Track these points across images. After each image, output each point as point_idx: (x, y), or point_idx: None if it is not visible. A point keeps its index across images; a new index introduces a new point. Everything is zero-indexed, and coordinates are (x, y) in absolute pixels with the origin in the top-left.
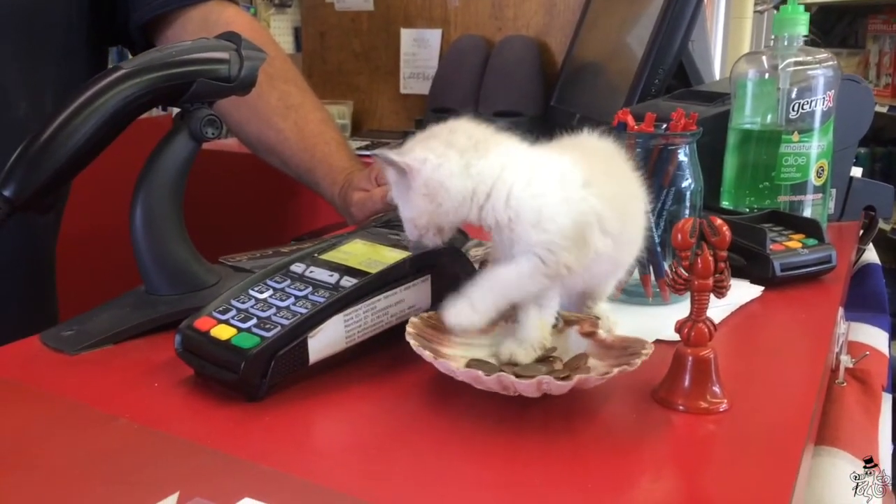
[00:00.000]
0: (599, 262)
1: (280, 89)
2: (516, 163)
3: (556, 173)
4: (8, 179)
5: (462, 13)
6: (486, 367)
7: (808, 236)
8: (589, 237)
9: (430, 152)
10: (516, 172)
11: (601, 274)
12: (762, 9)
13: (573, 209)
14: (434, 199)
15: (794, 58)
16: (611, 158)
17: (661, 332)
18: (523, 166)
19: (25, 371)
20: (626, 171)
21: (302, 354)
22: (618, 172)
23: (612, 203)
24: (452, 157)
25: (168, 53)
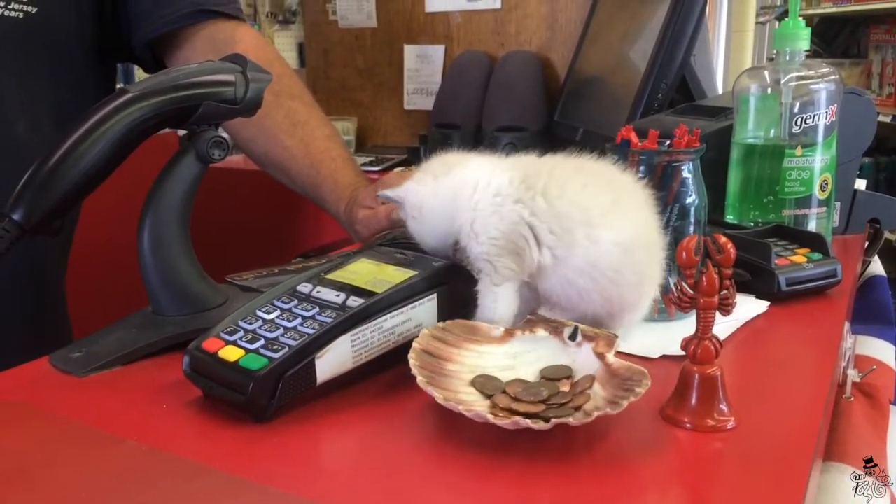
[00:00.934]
0: (568, 278)
1: (286, 106)
2: (466, 180)
3: (493, 189)
4: (17, 203)
5: (465, 29)
6: (489, 385)
7: (814, 250)
8: (521, 246)
9: (413, 181)
10: (465, 189)
11: (590, 292)
12: (764, 20)
13: (504, 220)
14: (422, 221)
15: (797, 72)
16: (602, 183)
17: (667, 348)
18: (470, 183)
19: (34, 393)
20: (617, 197)
21: (309, 375)
22: (596, 195)
23: (556, 219)
24: (428, 181)
25: (175, 76)
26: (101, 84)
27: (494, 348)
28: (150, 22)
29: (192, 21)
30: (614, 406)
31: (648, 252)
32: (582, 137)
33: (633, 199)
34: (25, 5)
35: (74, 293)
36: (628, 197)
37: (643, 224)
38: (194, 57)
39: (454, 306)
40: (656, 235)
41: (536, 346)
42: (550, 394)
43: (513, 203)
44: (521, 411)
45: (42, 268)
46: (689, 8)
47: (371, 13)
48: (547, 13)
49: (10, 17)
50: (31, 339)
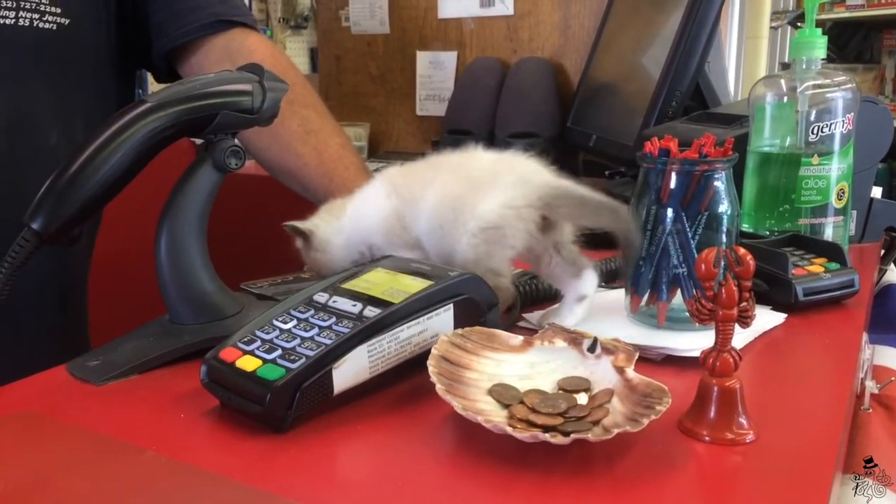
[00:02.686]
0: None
1: (300, 115)
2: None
3: (374, 190)
4: (36, 212)
5: (477, 36)
6: (507, 394)
7: (830, 260)
8: (393, 227)
9: (319, 220)
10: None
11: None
12: (776, 24)
13: (381, 210)
14: (325, 253)
15: (813, 81)
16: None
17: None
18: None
19: (52, 402)
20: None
21: (326, 385)
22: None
23: (411, 205)
24: (332, 221)
25: (192, 86)
26: (123, 91)
27: (512, 357)
28: (168, 32)
29: (208, 31)
30: (634, 424)
31: (455, 210)
32: (595, 144)
33: (451, 176)
34: (59, 17)
35: (94, 299)
36: (449, 176)
37: (451, 191)
38: (208, 66)
39: (470, 316)
40: (466, 198)
41: (554, 356)
42: (568, 406)
43: (385, 198)
44: (539, 423)
45: (66, 274)
46: (704, 15)
47: (384, 19)
48: (560, 20)
49: (45, 28)
50: (52, 346)
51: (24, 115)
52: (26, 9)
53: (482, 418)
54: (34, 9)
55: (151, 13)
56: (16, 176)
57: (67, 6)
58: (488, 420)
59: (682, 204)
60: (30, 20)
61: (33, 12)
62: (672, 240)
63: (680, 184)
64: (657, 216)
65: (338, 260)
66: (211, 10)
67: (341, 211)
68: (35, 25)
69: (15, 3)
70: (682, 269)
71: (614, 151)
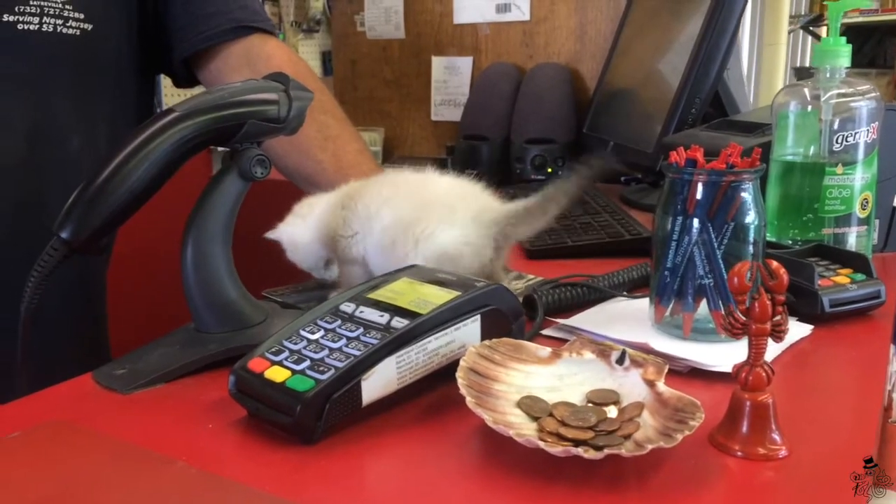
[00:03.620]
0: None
1: (319, 121)
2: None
3: (329, 199)
4: (65, 222)
5: (493, 41)
6: (536, 407)
7: (856, 271)
8: (336, 231)
9: (286, 224)
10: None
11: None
12: (790, 28)
13: (330, 217)
14: (297, 253)
15: (837, 89)
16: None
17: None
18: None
19: (79, 411)
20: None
21: (355, 397)
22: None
23: (354, 214)
24: (298, 223)
25: (219, 96)
26: (144, 96)
27: (540, 369)
28: (188, 38)
29: (228, 37)
30: (668, 440)
31: (407, 232)
32: (613, 150)
33: (407, 199)
34: (82, 22)
35: (113, 304)
36: (405, 199)
37: (406, 211)
38: (227, 71)
39: (496, 327)
40: (421, 222)
41: (582, 368)
42: (598, 419)
43: (338, 209)
44: (570, 437)
45: (88, 279)
46: (725, 22)
47: (399, 24)
48: (576, 25)
49: (68, 34)
50: (75, 351)
51: (46, 121)
52: (50, 14)
53: (513, 432)
54: (58, 14)
55: (172, 19)
56: (38, 182)
57: (90, 12)
58: (520, 434)
59: (708, 214)
60: (53, 26)
61: (57, 18)
62: (698, 250)
63: (706, 194)
64: (683, 226)
65: (304, 259)
66: (231, 15)
67: (309, 210)
68: (58, 31)
69: (39, 9)
70: (708, 280)
71: (633, 158)
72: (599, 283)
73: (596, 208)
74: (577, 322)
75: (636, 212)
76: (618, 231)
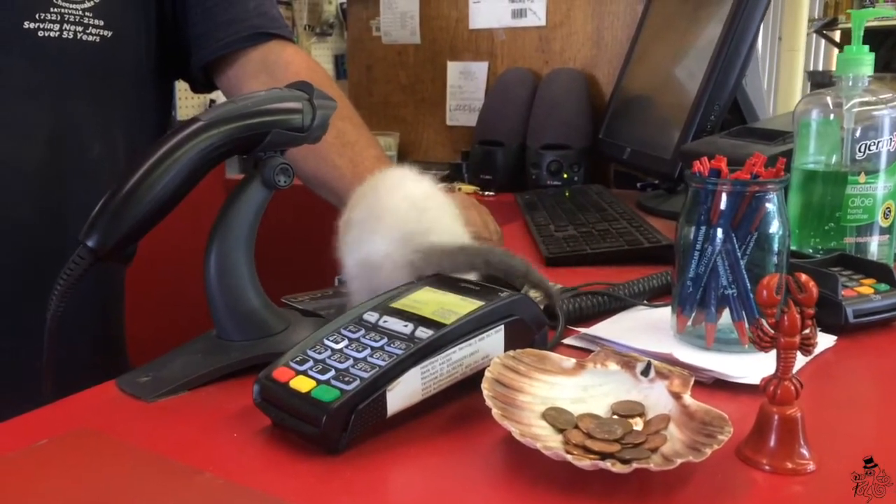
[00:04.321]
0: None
1: (337, 127)
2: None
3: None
4: (91, 230)
5: (509, 46)
6: (561, 418)
7: (879, 281)
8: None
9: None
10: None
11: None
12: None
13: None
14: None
15: (859, 98)
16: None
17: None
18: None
19: (105, 419)
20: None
21: (380, 407)
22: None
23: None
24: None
25: (244, 105)
26: (162, 102)
27: (565, 380)
28: (208, 44)
29: (247, 44)
30: (697, 454)
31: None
32: (630, 157)
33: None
34: (102, 29)
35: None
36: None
37: (358, 215)
38: (245, 78)
39: (520, 337)
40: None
41: (607, 379)
42: (624, 432)
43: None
44: (596, 449)
45: (107, 285)
46: (745, 28)
47: (415, 29)
48: (593, 31)
49: (88, 41)
50: (95, 356)
51: (67, 128)
52: (70, 21)
53: (540, 444)
54: (78, 21)
55: (191, 25)
56: (59, 187)
57: (110, 19)
58: (547, 447)
59: (732, 224)
60: (73, 33)
61: (77, 25)
62: (721, 260)
63: (730, 204)
64: (706, 236)
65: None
66: (249, 22)
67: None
68: (79, 38)
69: (59, 16)
70: (732, 291)
71: (650, 165)
72: (619, 292)
73: (613, 215)
74: (599, 331)
75: (653, 218)
76: (636, 239)
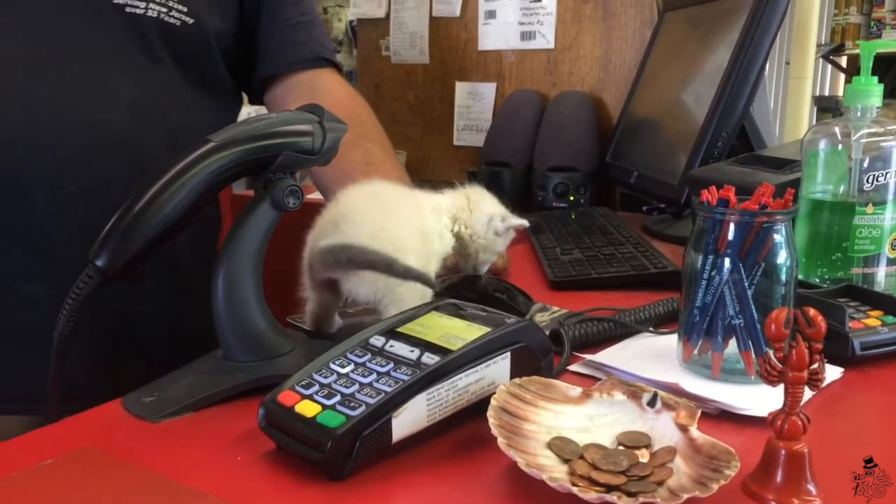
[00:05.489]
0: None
1: (365, 148)
2: None
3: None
4: (101, 250)
5: (517, 68)
6: (566, 448)
7: (887, 313)
8: None
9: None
10: None
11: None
12: None
13: None
14: None
15: (868, 129)
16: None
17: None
18: None
19: (109, 439)
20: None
21: (386, 434)
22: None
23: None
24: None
25: (255, 127)
26: (233, 98)
27: (571, 409)
28: (275, 59)
29: (306, 66)
30: (703, 489)
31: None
32: (637, 181)
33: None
34: (184, 15)
35: None
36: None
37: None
38: (291, 98)
39: (525, 364)
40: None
41: (613, 409)
42: (630, 464)
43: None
44: (602, 481)
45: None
46: (753, 55)
47: (424, 50)
48: (601, 55)
49: (170, 23)
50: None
51: (147, 96)
52: (156, 2)
53: (546, 476)
54: (163, 3)
55: (262, 39)
56: (139, 150)
57: (193, 8)
58: (552, 478)
59: (739, 254)
60: (157, 13)
61: (161, 6)
62: (728, 290)
63: (738, 234)
64: (713, 265)
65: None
66: (314, 47)
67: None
68: (161, 18)
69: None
70: (739, 321)
71: (657, 189)
72: (625, 318)
73: (620, 239)
74: (604, 358)
75: (659, 243)
76: (642, 264)
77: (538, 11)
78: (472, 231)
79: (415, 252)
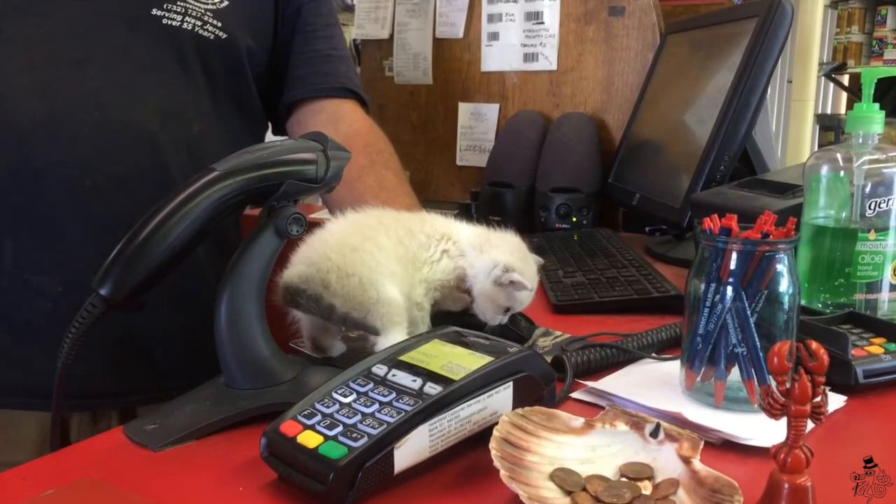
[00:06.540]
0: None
1: (378, 173)
2: None
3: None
4: (104, 279)
5: (520, 89)
6: (569, 480)
7: (890, 340)
8: None
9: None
10: None
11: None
12: None
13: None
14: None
15: (869, 155)
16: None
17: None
18: None
19: (111, 467)
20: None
21: (388, 465)
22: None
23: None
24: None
25: (259, 155)
26: (259, 120)
27: (573, 439)
28: (302, 86)
29: (332, 95)
30: None
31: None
32: (639, 203)
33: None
34: (219, 30)
35: None
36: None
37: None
38: (313, 124)
39: (528, 394)
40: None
41: (616, 440)
42: (633, 496)
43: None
44: None
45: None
46: (756, 79)
47: (427, 71)
48: (603, 76)
49: (204, 36)
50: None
51: (174, 103)
52: (192, 16)
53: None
54: (199, 17)
55: (292, 67)
56: (165, 151)
57: (228, 24)
58: None
59: (742, 283)
60: (192, 26)
61: (197, 20)
62: (731, 318)
63: (740, 263)
64: (716, 293)
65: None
66: (342, 77)
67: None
68: (196, 31)
69: (183, 9)
70: (741, 349)
71: (659, 212)
72: (628, 344)
73: (622, 261)
74: (607, 386)
75: (661, 265)
76: (645, 288)
77: (541, 33)
78: (475, 272)
79: (393, 277)
